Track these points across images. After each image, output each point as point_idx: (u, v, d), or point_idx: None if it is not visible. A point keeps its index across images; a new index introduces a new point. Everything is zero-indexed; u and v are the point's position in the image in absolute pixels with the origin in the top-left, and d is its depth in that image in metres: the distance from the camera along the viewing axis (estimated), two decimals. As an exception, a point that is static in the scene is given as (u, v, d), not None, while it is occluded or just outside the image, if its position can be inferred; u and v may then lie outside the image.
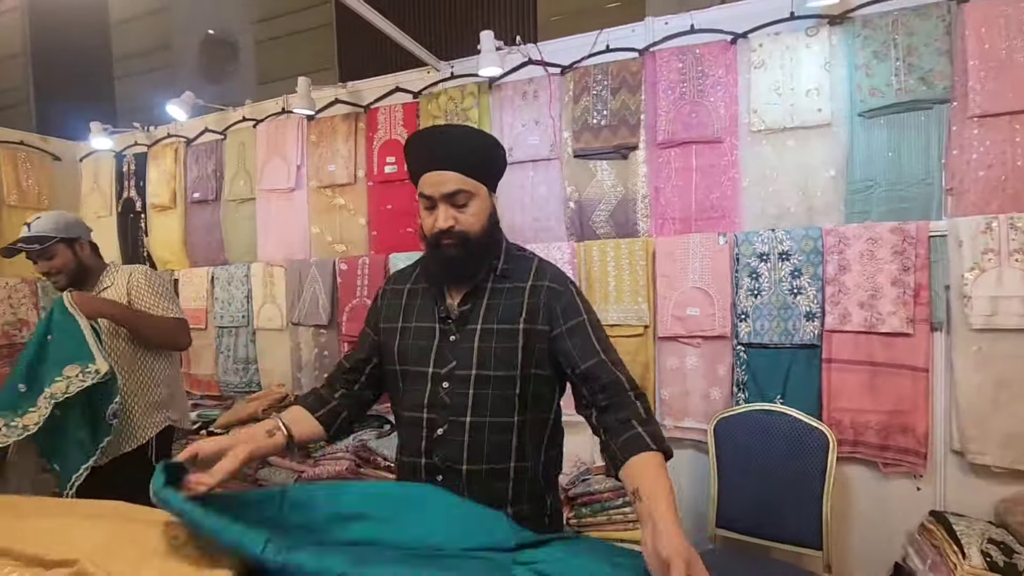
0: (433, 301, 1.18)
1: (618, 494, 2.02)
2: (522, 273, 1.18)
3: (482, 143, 1.14)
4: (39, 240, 1.82)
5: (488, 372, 1.12)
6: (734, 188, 2.10)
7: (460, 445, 1.11)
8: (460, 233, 1.09)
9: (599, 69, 2.26)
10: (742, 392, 2.06)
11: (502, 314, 1.14)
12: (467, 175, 1.08)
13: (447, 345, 1.14)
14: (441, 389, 1.12)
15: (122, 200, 3.34)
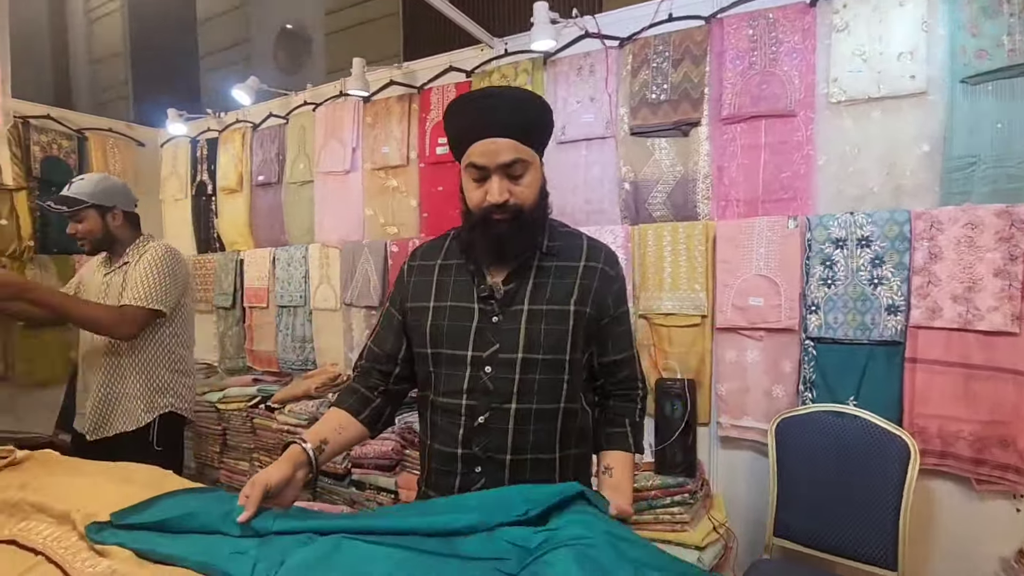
0: (471, 279, 1.09)
1: (667, 492, 1.89)
2: (572, 251, 1.12)
3: (535, 106, 1.05)
4: (70, 202, 1.81)
5: (536, 356, 1.05)
6: (808, 167, 1.90)
7: (504, 433, 1.04)
8: (514, 207, 1.01)
9: (660, 40, 2.11)
10: (809, 391, 1.88)
11: (552, 294, 1.07)
12: (521, 142, 1.00)
13: (489, 327, 1.06)
14: (483, 374, 1.04)
15: (195, 183, 3.52)
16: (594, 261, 1.12)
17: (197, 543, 0.83)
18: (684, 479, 1.92)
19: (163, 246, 1.90)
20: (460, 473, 1.07)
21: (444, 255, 1.16)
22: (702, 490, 1.98)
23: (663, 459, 1.99)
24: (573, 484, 0.90)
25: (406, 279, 1.17)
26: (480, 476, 1.06)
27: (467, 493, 1.03)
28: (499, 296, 1.06)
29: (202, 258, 3.47)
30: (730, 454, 2.09)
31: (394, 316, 1.17)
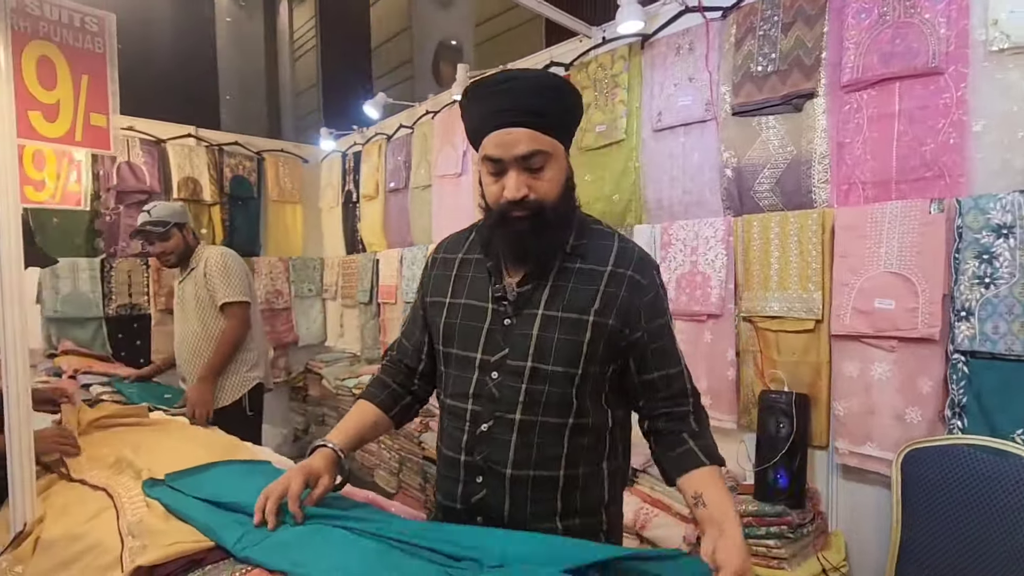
0: (488, 276, 1.03)
1: (762, 521, 1.67)
2: (599, 253, 1.01)
3: (557, 89, 0.96)
4: (161, 224, 2.22)
5: (545, 366, 0.97)
6: (960, 136, 1.51)
7: (506, 445, 0.98)
8: (534, 203, 0.93)
9: (769, 3, 1.85)
10: (959, 418, 1.49)
11: (570, 300, 0.98)
12: (542, 132, 0.91)
13: (500, 330, 1.00)
14: (489, 379, 0.99)
15: (344, 192, 3.98)
16: (623, 267, 1.00)
17: (212, 511, 0.94)
18: (784, 509, 1.66)
19: (218, 250, 2.35)
20: (463, 480, 1.02)
21: (466, 248, 1.11)
22: (812, 524, 1.70)
23: (763, 483, 1.75)
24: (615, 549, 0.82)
25: (429, 272, 1.14)
26: (481, 487, 1.01)
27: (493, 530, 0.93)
28: (511, 298, 1.00)
29: (349, 259, 3.91)
30: (854, 487, 1.75)
31: (418, 310, 1.15)
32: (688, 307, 2.01)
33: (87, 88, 1.14)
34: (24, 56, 1.04)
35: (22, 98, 1.03)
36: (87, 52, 1.14)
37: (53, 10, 1.08)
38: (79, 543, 0.91)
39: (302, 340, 4.12)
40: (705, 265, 1.98)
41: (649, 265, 1.03)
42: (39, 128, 1.06)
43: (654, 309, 1.01)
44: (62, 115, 1.09)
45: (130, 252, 3.42)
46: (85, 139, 1.14)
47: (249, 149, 3.94)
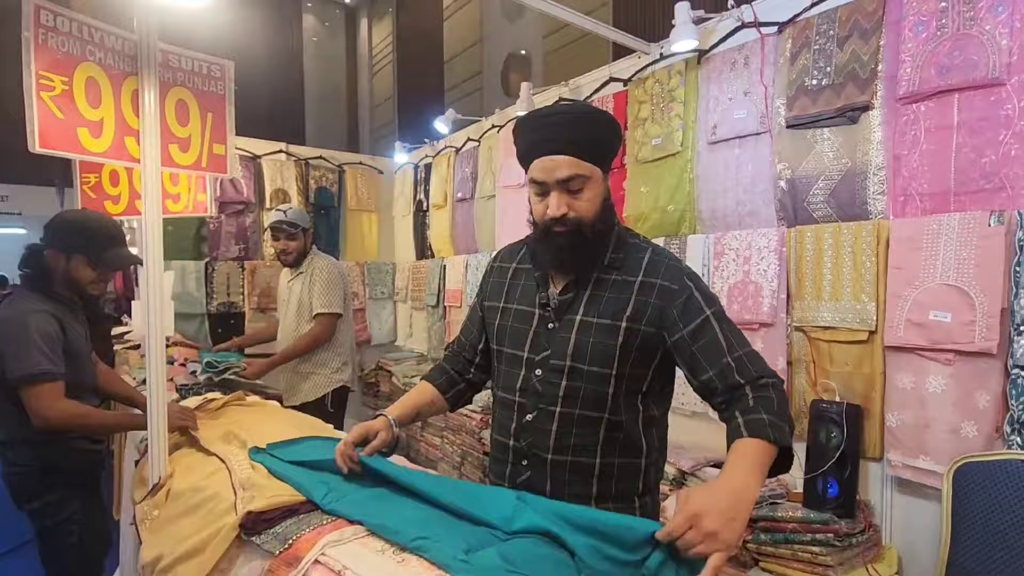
0: (536, 285, 1.17)
1: (808, 528, 1.69)
2: (633, 265, 1.11)
3: (596, 122, 1.08)
4: (294, 225, 2.56)
5: (582, 366, 1.09)
6: (1021, 147, 1.48)
7: (547, 434, 1.11)
8: (574, 220, 1.05)
9: (824, 18, 1.87)
10: (1018, 434, 1.46)
11: (604, 308, 1.09)
12: (581, 158, 1.04)
13: (544, 332, 1.13)
14: (534, 376, 1.13)
15: (415, 201, 4.24)
16: (653, 276, 1.09)
17: (303, 473, 1.14)
18: (831, 517, 1.68)
19: (326, 263, 2.65)
20: (511, 463, 1.17)
21: (519, 259, 1.25)
22: (862, 535, 1.71)
23: (812, 491, 1.77)
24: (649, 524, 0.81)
25: (487, 278, 1.30)
26: (526, 470, 1.15)
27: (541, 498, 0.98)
28: (554, 305, 1.13)
29: (418, 264, 4.17)
30: (909, 500, 1.73)
31: (476, 311, 1.31)
32: (740, 316, 2.05)
33: (211, 124, 1.38)
34: (167, 100, 1.29)
35: (164, 133, 1.28)
36: (212, 94, 1.39)
37: (188, 61, 1.33)
38: (201, 494, 1.12)
39: (374, 339, 4.42)
40: (757, 275, 2.02)
41: (678, 271, 1.10)
42: (176, 157, 1.31)
43: (689, 310, 1.06)
44: (192, 146, 1.33)
45: (229, 256, 3.83)
46: (210, 165, 1.38)
47: (331, 162, 4.29)
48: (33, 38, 1.05)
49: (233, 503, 1.02)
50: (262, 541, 0.92)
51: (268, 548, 0.90)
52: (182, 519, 1.09)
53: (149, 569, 1.03)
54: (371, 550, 0.85)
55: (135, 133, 1.22)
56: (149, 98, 1.22)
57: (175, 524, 1.08)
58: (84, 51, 1.14)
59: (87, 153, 1.15)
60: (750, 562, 1.81)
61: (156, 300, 1.22)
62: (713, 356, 1.03)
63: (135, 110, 1.23)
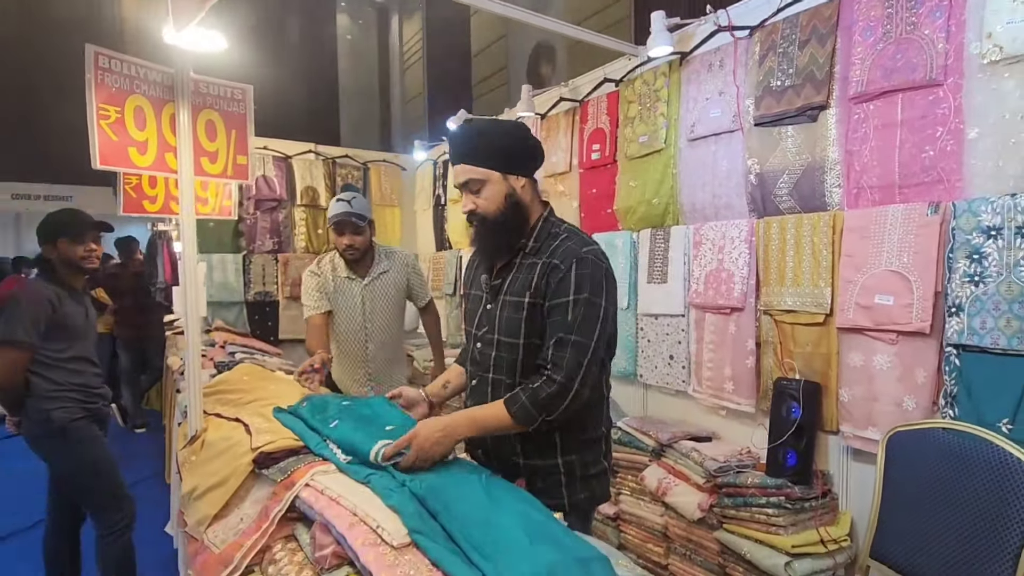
0: (484, 272, 1.43)
1: (764, 492, 1.87)
2: (543, 251, 1.30)
3: (489, 133, 1.30)
4: (361, 217, 2.20)
5: (503, 338, 1.32)
6: (956, 143, 1.61)
7: (485, 395, 1.36)
8: (479, 215, 1.30)
9: (788, 23, 2.01)
10: (950, 407, 1.60)
11: (516, 288, 1.31)
12: (474, 165, 1.27)
13: (484, 312, 1.38)
14: (475, 348, 1.40)
15: (434, 196, 4.50)
16: (552, 256, 1.27)
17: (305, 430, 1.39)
18: (785, 482, 1.85)
19: (411, 255, 2.52)
20: None
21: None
22: (818, 500, 1.87)
23: (774, 461, 1.94)
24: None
25: (467, 271, 1.57)
26: None
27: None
28: (487, 289, 1.38)
29: (437, 255, 4.43)
30: (863, 468, 1.88)
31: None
32: (715, 301, 2.22)
33: (235, 139, 1.65)
34: (198, 120, 1.57)
35: (196, 148, 1.55)
36: (235, 114, 1.66)
37: (215, 87, 1.60)
38: (227, 442, 1.40)
39: (398, 326, 4.72)
40: (730, 263, 2.18)
41: (572, 254, 1.25)
42: (206, 168, 1.58)
43: (559, 289, 1.23)
44: (220, 158, 1.61)
45: (264, 249, 4.18)
46: (234, 173, 1.66)
47: (356, 160, 4.58)
48: (94, 79, 1.33)
49: (250, 447, 1.29)
50: (269, 473, 1.18)
51: (273, 478, 1.16)
52: (213, 461, 1.36)
53: (187, 498, 1.31)
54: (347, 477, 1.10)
55: (173, 149, 1.50)
56: (184, 120, 1.49)
57: (207, 465, 1.36)
58: (132, 86, 1.41)
59: (136, 168, 1.43)
60: (716, 524, 2.00)
61: (192, 286, 1.50)
62: (552, 331, 1.23)
63: (173, 130, 1.50)
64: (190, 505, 1.28)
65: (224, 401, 1.77)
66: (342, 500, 1.00)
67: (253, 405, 1.67)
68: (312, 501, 1.03)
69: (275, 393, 1.76)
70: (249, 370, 2.08)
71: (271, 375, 2.07)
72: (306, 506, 1.04)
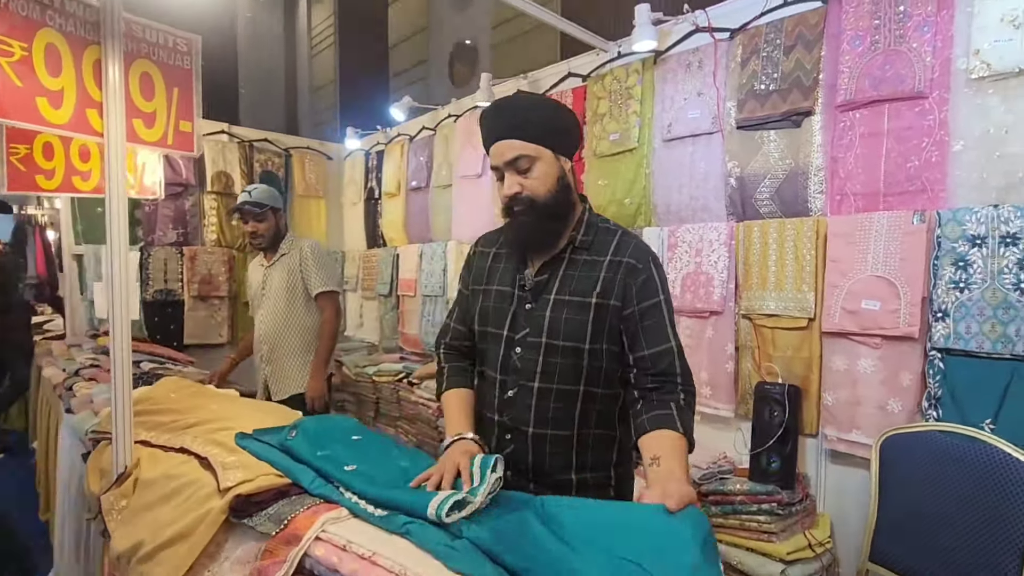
0: (515, 267, 1.23)
1: (755, 499, 1.83)
2: (602, 246, 1.18)
3: (540, 107, 1.17)
4: (259, 206, 2.37)
5: (557, 342, 1.15)
6: (941, 154, 1.67)
7: (528, 408, 1.18)
8: (527, 199, 1.13)
9: (772, 27, 2.01)
10: (934, 409, 1.66)
11: (576, 286, 1.16)
12: (526, 140, 1.11)
13: (522, 312, 1.19)
14: (513, 354, 1.19)
15: (367, 189, 4.17)
16: (621, 255, 1.16)
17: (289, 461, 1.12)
18: (775, 488, 1.83)
19: (312, 241, 2.48)
20: (496, 437, 1.23)
21: (499, 244, 1.31)
22: (800, 504, 1.87)
23: (757, 466, 1.92)
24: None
25: (470, 264, 1.35)
26: (510, 443, 1.21)
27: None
28: (530, 285, 1.19)
29: (370, 252, 4.10)
30: (841, 471, 1.92)
31: (466, 295, 1.34)
32: (692, 304, 2.18)
33: (177, 99, 1.32)
34: (130, 72, 1.23)
35: (128, 107, 1.22)
36: (178, 69, 1.32)
37: (153, 33, 1.27)
38: (177, 480, 1.09)
39: (323, 329, 4.32)
40: (708, 266, 2.15)
41: (644, 252, 1.18)
42: (141, 133, 1.24)
43: (646, 289, 1.14)
44: (158, 122, 1.27)
45: (166, 241, 3.63)
46: (175, 143, 1.33)
47: (277, 146, 4.13)
48: (-10, -2, 0.98)
49: (216, 487, 1.01)
50: (255, 523, 0.92)
51: (263, 530, 0.90)
52: (160, 506, 1.06)
53: (126, 558, 0.99)
54: (371, 525, 0.87)
55: (97, 106, 1.16)
56: (113, 69, 1.16)
57: (153, 511, 1.05)
58: (44, 16, 1.06)
59: (47, 124, 1.08)
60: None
61: (122, 281, 1.16)
62: (655, 338, 1.12)
63: (97, 81, 1.16)
64: (134, 569, 0.97)
65: (151, 425, 1.42)
66: (378, 559, 0.77)
67: (197, 430, 1.35)
68: (334, 561, 0.80)
69: (222, 414, 1.44)
70: (176, 385, 1.71)
71: (206, 391, 1.72)
72: (324, 568, 0.80)
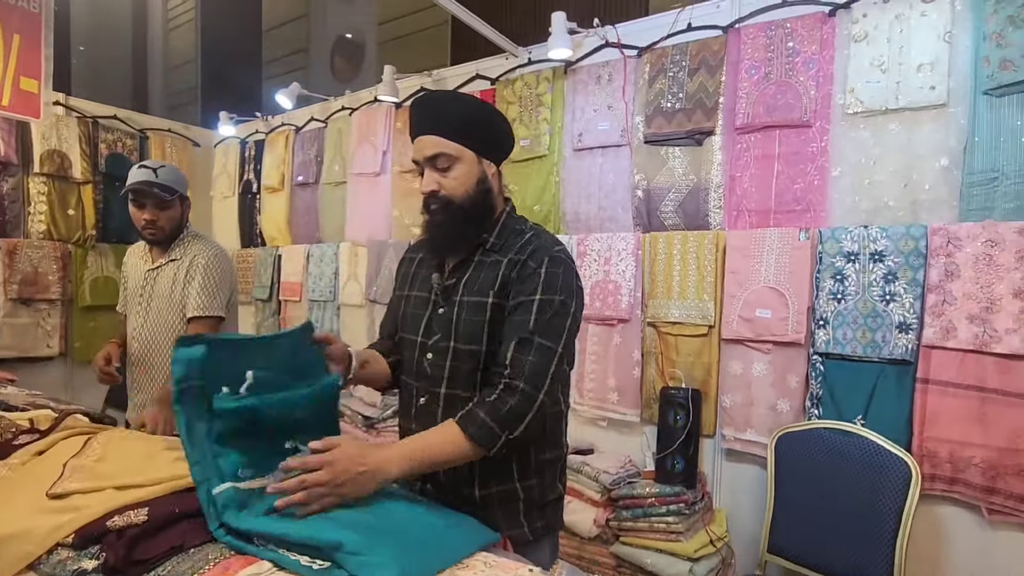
0: (431, 272, 1.17)
1: (663, 501, 1.89)
2: (509, 247, 1.11)
3: (468, 106, 1.11)
4: (168, 191, 1.78)
5: (461, 345, 1.09)
6: (822, 178, 1.86)
7: (434, 417, 1.10)
8: (443, 198, 1.07)
9: (677, 50, 2.12)
10: (816, 408, 1.83)
11: (477, 287, 1.10)
12: (448, 139, 1.05)
13: (435, 317, 1.13)
14: (425, 359, 1.13)
15: (242, 182, 3.74)
16: (520, 253, 1.08)
17: None
18: (681, 489, 1.90)
19: (213, 250, 1.88)
20: None
21: (423, 249, 1.23)
22: (702, 502, 1.96)
23: (663, 468, 1.98)
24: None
25: (399, 270, 1.28)
26: None
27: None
28: (439, 289, 1.13)
29: (244, 252, 3.69)
30: (734, 468, 2.05)
31: (394, 303, 1.27)
32: (601, 312, 2.22)
33: (19, 50, 1.04)
34: (-46, 8, 0.93)
35: (-51, 54, 0.92)
36: (21, 10, 1.03)
37: (-11, -38, 0.97)
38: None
39: (185, 338, 3.79)
40: (616, 275, 2.20)
41: (543, 251, 1.08)
42: (-35, 89, 0.95)
43: (525, 285, 1.05)
44: (-8, 77, 0.98)
45: (-24, 232, 2.95)
46: (13, 104, 1.03)
47: (131, 126, 3.56)
48: None
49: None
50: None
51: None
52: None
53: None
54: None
55: (-100, 47, 0.86)
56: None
57: None
58: None
59: None
60: (612, 539, 1.97)
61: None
62: (513, 331, 1.04)
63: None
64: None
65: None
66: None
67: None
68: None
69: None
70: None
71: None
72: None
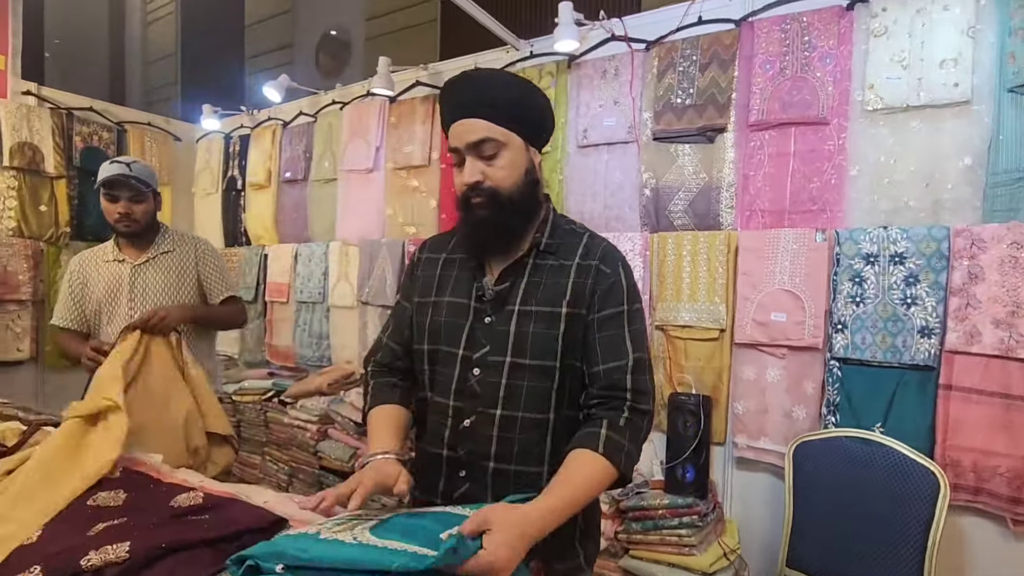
0: (471, 275, 1.04)
1: (675, 513, 1.81)
2: (569, 249, 1.03)
3: (515, 87, 1.00)
4: (143, 183, 1.79)
5: (524, 360, 0.98)
6: (839, 177, 1.80)
7: (488, 440, 0.98)
8: (488, 189, 0.96)
9: (688, 43, 2.05)
10: (833, 415, 1.77)
11: (543, 295, 1.00)
12: (495, 122, 0.95)
13: (481, 327, 1.00)
14: (471, 376, 1.00)
15: (226, 178, 3.60)
16: (589, 258, 1.02)
17: None
18: (694, 500, 1.83)
19: (205, 240, 2.01)
20: (445, 476, 1.02)
21: (451, 249, 1.11)
22: (713, 513, 1.89)
23: (673, 478, 1.90)
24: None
25: (415, 272, 1.14)
26: (464, 481, 1.01)
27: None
28: (490, 296, 1.01)
29: (228, 251, 3.53)
30: (746, 476, 1.99)
31: (405, 310, 1.12)
32: (607, 315, 2.13)
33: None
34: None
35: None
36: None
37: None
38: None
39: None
40: (624, 276, 2.12)
41: (614, 257, 1.04)
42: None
43: (610, 297, 1.01)
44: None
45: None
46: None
47: (108, 118, 3.40)
48: None
49: None
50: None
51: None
52: None
53: None
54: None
55: None
56: None
57: None
58: None
59: None
60: (621, 552, 1.89)
61: None
62: (610, 351, 0.99)
63: None
64: None
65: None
66: None
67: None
68: None
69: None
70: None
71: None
72: None
